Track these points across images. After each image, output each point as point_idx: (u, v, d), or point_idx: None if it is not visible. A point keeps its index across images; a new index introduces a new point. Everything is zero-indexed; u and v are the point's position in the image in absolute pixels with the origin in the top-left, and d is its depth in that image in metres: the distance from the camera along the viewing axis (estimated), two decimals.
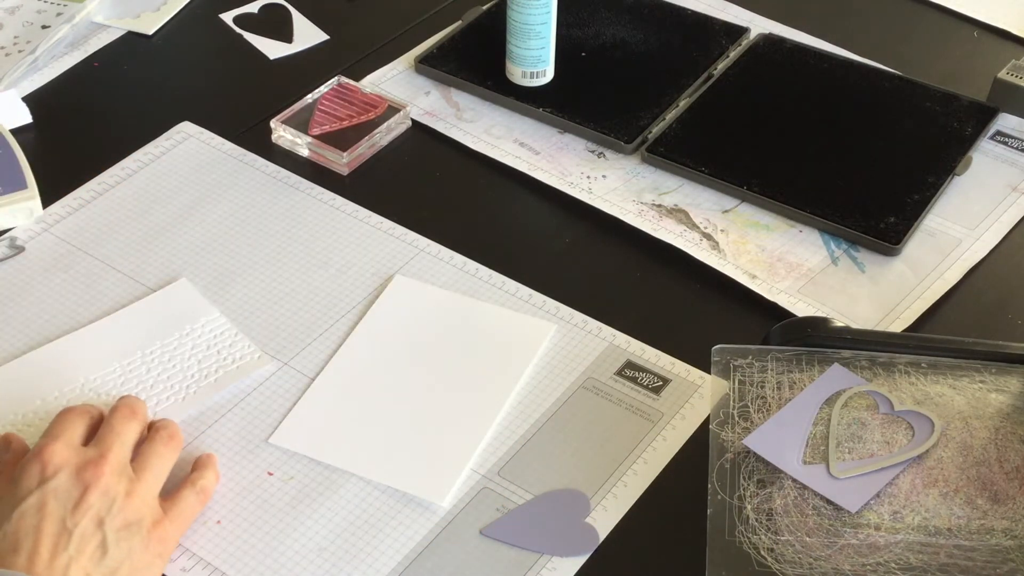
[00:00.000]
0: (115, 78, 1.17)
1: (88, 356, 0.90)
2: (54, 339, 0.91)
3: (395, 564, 0.78)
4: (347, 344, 0.92)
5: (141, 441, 0.81)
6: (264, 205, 1.03)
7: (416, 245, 1.00)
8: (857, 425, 0.83)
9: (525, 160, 1.08)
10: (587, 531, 0.81)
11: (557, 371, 0.90)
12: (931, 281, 0.98)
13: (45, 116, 1.11)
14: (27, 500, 0.75)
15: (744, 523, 0.79)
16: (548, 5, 1.09)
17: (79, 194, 1.03)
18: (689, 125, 1.10)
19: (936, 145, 1.08)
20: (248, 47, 1.21)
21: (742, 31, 1.21)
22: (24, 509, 0.75)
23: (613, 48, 1.19)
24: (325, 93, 1.12)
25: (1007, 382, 0.86)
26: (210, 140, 1.09)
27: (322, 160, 1.08)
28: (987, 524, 0.78)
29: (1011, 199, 1.05)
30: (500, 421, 0.87)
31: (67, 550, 0.74)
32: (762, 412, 0.85)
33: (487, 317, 0.94)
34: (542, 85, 1.14)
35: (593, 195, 1.05)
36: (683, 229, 1.02)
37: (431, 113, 1.13)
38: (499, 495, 0.82)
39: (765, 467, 0.82)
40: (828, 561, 0.77)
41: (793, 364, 0.88)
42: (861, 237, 1.00)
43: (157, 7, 1.24)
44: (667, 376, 0.90)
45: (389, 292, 0.95)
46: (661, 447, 0.85)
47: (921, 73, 1.17)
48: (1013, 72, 1.12)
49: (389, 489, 0.83)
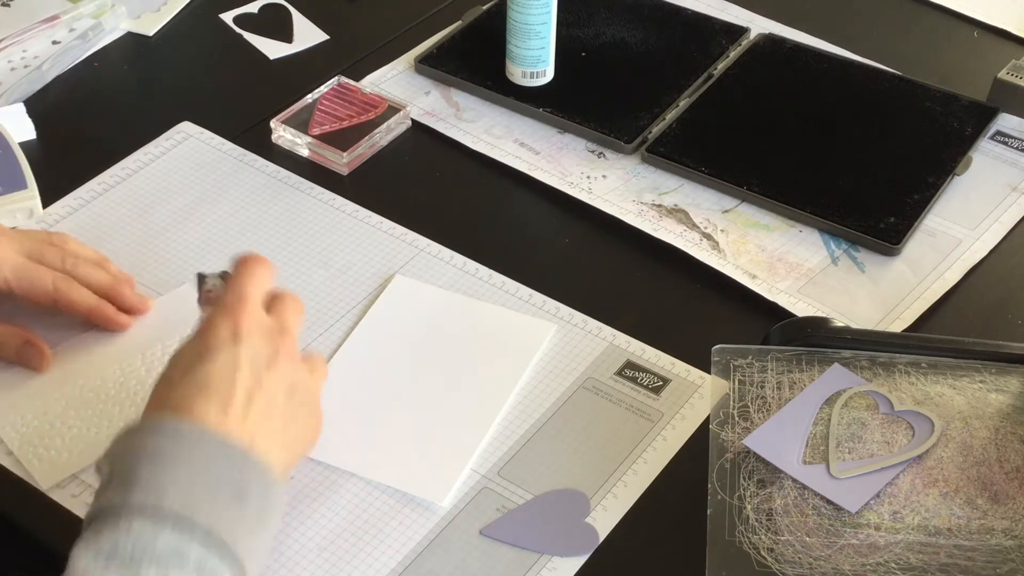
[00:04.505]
0: (115, 78, 1.17)
1: (89, 358, 0.90)
2: (52, 340, 0.91)
3: (395, 564, 0.78)
4: (347, 344, 0.91)
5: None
6: (264, 205, 1.03)
7: (416, 245, 1.00)
8: (857, 425, 0.83)
9: (525, 160, 1.08)
10: (587, 531, 0.80)
11: (557, 371, 0.90)
12: (931, 281, 0.98)
13: (45, 116, 1.11)
14: (221, 351, 0.73)
15: (744, 523, 0.79)
16: (548, 5, 1.09)
17: (79, 194, 1.03)
18: (689, 125, 1.10)
19: (936, 145, 1.08)
20: (248, 47, 1.21)
21: (742, 31, 1.21)
22: (218, 360, 0.72)
23: (613, 48, 1.19)
24: (325, 93, 1.12)
25: (1007, 382, 0.86)
26: (210, 140, 1.09)
27: (322, 160, 1.08)
28: (987, 524, 0.78)
29: (1011, 199, 1.05)
30: (500, 421, 0.87)
31: (257, 406, 0.72)
32: (762, 412, 0.85)
33: (487, 317, 0.94)
34: (542, 85, 1.14)
35: (593, 195, 1.05)
36: (683, 229, 1.02)
37: (431, 113, 1.13)
38: (499, 495, 0.82)
39: (765, 467, 0.82)
40: (828, 561, 0.77)
41: (793, 364, 0.88)
42: (861, 237, 1.00)
43: (157, 7, 1.24)
44: (667, 376, 0.90)
45: (389, 292, 0.95)
46: (661, 447, 0.85)
47: (921, 73, 1.17)
48: (1013, 72, 1.12)
49: (389, 489, 0.83)
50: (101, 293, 0.90)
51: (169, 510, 0.65)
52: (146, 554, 0.64)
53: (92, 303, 0.90)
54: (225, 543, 0.66)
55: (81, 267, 0.90)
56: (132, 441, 0.69)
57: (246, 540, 0.68)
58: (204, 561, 0.65)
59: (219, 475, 0.68)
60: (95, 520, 0.66)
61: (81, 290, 0.89)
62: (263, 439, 0.72)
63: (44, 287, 0.88)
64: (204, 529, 0.65)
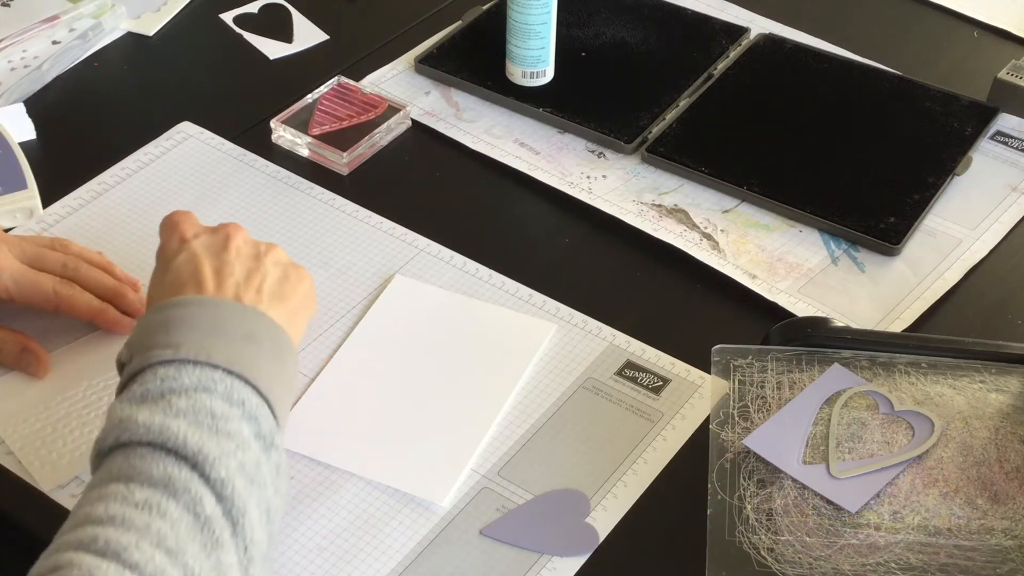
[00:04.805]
0: (115, 78, 1.17)
1: (91, 360, 0.89)
2: (54, 343, 0.90)
3: (395, 564, 0.78)
4: (347, 344, 0.92)
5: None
6: (264, 205, 1.03)
7: (416, 245, 1.00)
8: (857, 425, 0.83)
9: (525, 160, 1.08)
10: (587, 531, 0.81)
11: (557, 371, 0.90)
12: (931, 281, 0.98)
13: (45, 116, 1.11)
14: (177, 255, 0.80)
15: (744, 523, 0.79)
16: (548, 5, 1.09)
17: (79, 194, 1.03)
18: (689, 125, 1.10)
19: (936, 145, 1.08)
20: (248, 47, 1.21)
21: (742, 31, 1.21)
22: (178, 261, 0.79)
23: (613, 48, 1.19)
24: (325, 93, 1.12)
25: (1007, 382, 0.86)
26: (210, 140, 1.09)
27: (322, 160, 1.08)
28: (987, 524, 0.78)
29: (1011, 199, 1.05)
30: (500, 421, 0.87)
31: (232, 275, 0.79)
32: (762, 412, 0.85)
33: (487, 317, 0.94)
34: (542, 85, 1.14)
35: (593, 195, 1.05)
36: (683, 229, 1.02)
37: (431, 113, 1.13)
38: (499, 495, 0.82)
39: (765, 467, 0.82)
40: (828, 561, 0.77)
41: (793, 364, 0.88)
42: (861, 237, 1.00)
43: (157, 7, 1.24)
44: (667, 376, 0.90)
45: (389, 292, 0.95)
46: (661, 447, 0.85)
47: (921, 73, 1.17)
48: (1013, 72, 1.12)
49: (389, 489, 0.83)
50: (104, 296, 0.90)
51: (187, 356, 0.71)
52: (175, 388, 0.70)
53: (95, 306, 0.90)
54: (246, 376, 0.72)
55: (83, 270, 0.90)
56: (142, 324, 0.75)
57: (266, 375, 0.73)
58: (230, 390, 0.71)
59: (224, 325, 0.74)
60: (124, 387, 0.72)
61: (83, 294, 0.89)
62: (249, 298, 0.78)
63: (45, 293, 0.88)
64: (224, 366, 0.72)
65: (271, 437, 0.72)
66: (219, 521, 0.65)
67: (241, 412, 0.70)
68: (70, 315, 0.89)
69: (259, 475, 0.69)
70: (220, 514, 0.66)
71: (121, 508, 0.64)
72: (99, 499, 0.65)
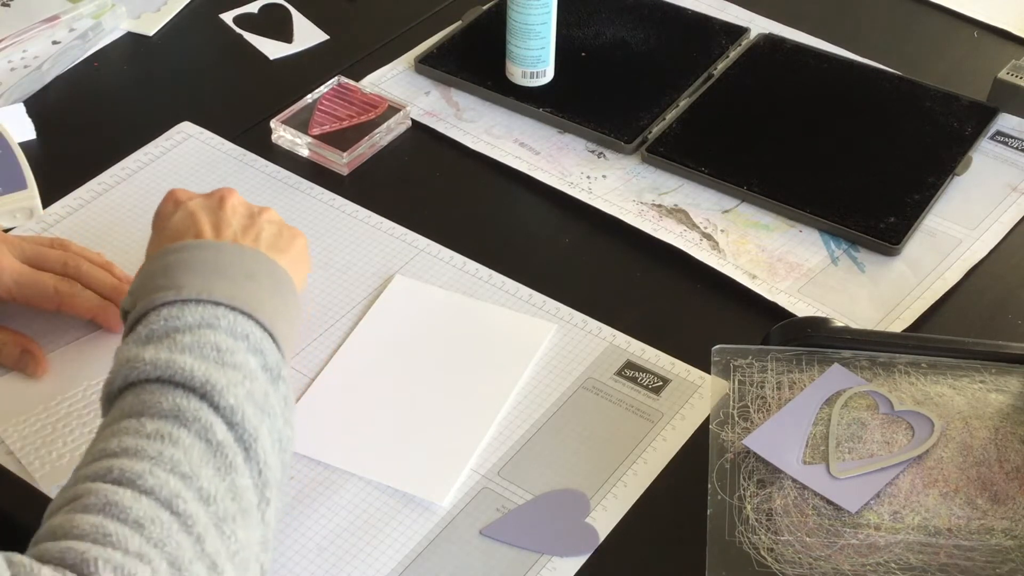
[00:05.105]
0: (115, 78, 1.17)
1: (91, 360, 0.89)
2: (54, 343, 0.91)
3: (395, 564, 0.78)
4: (347, 344, 0.91)
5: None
6: (264, 205, 1.03)
7: (416, 245, 1.00)
8: (857, 425, 0.83)
9: (525, 160, 1.08)
10: (587, 531, 0.81)
11: (557, 371, 0.90)
12: (931, 281, 0.98)
13: (45, 116, 1.11)
14: (173, 215, 0.82)
15: (744, 523, 0.79)
16: (548, 5, 1.09)
17: (79, 194, 1.03)
18: (689, 125, 1.10)
19: (936, 145, 1.08)
20: (248, 47, 1.21)
21: (742, 31, 1.21)
22: (174, 219, 0.81)
23: (613, 48, 1.19)
24: (325, 93, 1.12)
25: (1007, 382, 0.86)
26: (210, 140, 1.09)
27: (322, 160, 1.08)
28: (987, 524, 0.78)
29: (1011, 199, 1.05)
30: (500, 421, 0.87)
31: (230, 227, 0.81)
32: (762, 412, 0.85)
33: (487, 317, 0.94)
34: (542, 85, 1.14)
35: (593, 195, 1.05)
36: (683, 229, 1.02)
37: (431, 113, 1.13)
38: (499, 495, 0.82)
39: (765, 467, 0.82)
40: (828, 561, 0.77)
41: (793, 364, 0.88)
42: (861, 237, 1.00)
43: (157, 7, 1.24)
44: (667, 376, 0.90)
45: (389, 292, 0.95)
46: (661, 447, 0.85)
47: (921, 73, 1.17)
48: (1013, 72, 1.12)
49: (389, 489, 0.83)
50: (105, 294, 0.90)
51: (189, 295, 0.73)
52: (178, 327, 0.71)
53: (96, 304, 0.90)
54: (248, 311, 0.74)
55: (84, 268, 0.90)
56: (143, 270, 0.78)
57: (268, 311, 0.75)
58: (234, 324, 0.73)
59: (224, 265, 0.76)
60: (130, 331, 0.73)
61: (84, 292, 0.89)
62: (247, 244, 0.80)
63: (46, 292, 0.88)
64: (227, 303, 0.73)
65: (277, 369, 0.73)
66: (231, 446, 0.67)
67: (246, 345, 0.72)
68: (71, 313, 0.89)
69: (268, 404, 0.71)
70: (232, 440, 0.67)
71: (134, 440, 0.66)
72: (112, 435, 0.67)
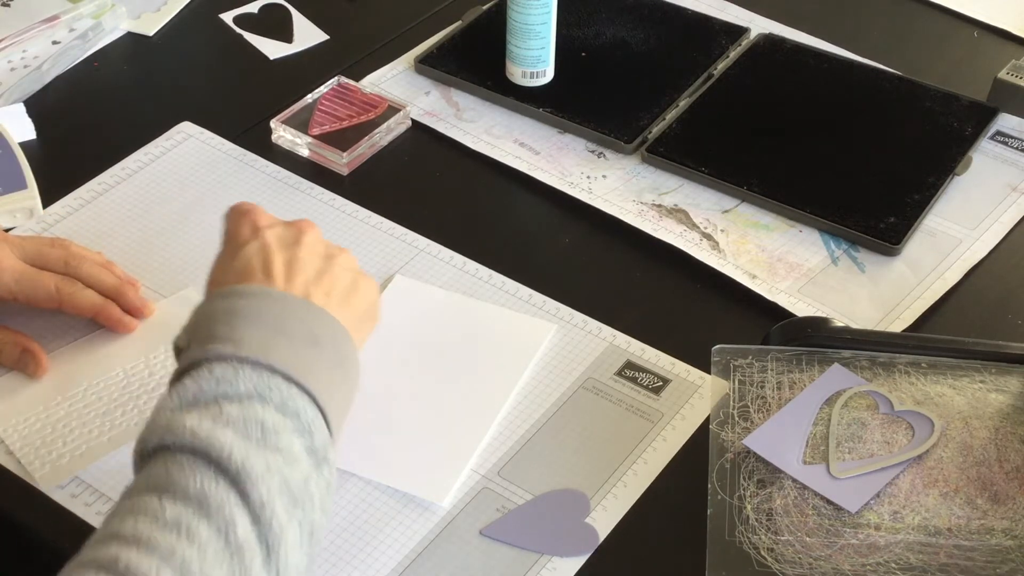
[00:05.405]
0: (115, 78, 1.17)
1: (92, 360, 0.89)
2: (54, 343, 0.90)
3: (395, 564, 0.78)
4: None
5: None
6: (264, 205, 1.01)
7: (416, 245, 1.00)
8: (857, 425, 0.83)
9: (525, 160, 1.08)
10: (587, 531, 0.81)
11: (557, 371, 0.90)
12: (931, 281, 0.98)
13: (45, 116, 1.11)
14: (249, 244, 0.76)
15: (744, 523, 0.79)
16: (548, 5, 1.09)
17: (79, 194, 1.03)
18: (689, 125, 1.10)
19: (936, 145, 1.08)
20: (248, 47, 1.21)
21: (742, 31, 1.21)
22: (248, 249, 0.76)
23: (613, 48, 1.19)
24: (325, 93, 1.12)
25: (1007, 382, 0.86)
26: (210, 140, 1.09)
27: (322, 160, 1.08)
28: (987, 524, 0.78)
29: (1011, 199, 1.05)
30: (500, 421, 0.87)
31: (303, 272, 0.75)
32: (762, 412, 0.85)
33: (487, 317, 0.94)
34: (542, 85, 1.14)
35: (593, 195, 1.05)
36: (683, 229, 1.02)
37: (431, 113, 1.13)
38: (499, 495, 0.82)
39: (765, 467, 0.82)
40: (828, 561, 0.77)
41: (793, 364, 0.88)
42: (861, 237, 1.00)
43: (157, 7, 1.24)
44: (667, 376, 0.90)
45: (389, 292, 0.95)
46: (661, 447, 0.85)
47: (921, 73, 1.17)
48: (1013, 72, 1.12)
49: (389, 489, 0.83)
50: (105, 293, 0.90)
51: (247, 354, 0.68)
52: (228, 394, 0.66)
53: (97, 303, 0.90)
54: (305, 386, 0.68)
55: (85, 267, 0.90)
56: (204, 309, 0.73)
57: (326, 385, 0.70)
58: (286, 399, 0.67)
59: (290, 323, 0.71)
60: (178, 378, 0.68)
61: (85, 291, 0.89)
62: (318, 299, 0.74)
63: (47, 291, 0.88)
64: (283, 372, 0.68)
65: (324, 451, 0.68)
66: (251, 547, 0.62)
67: (295, 424, 0.67)
68: (72, 312, 0.89)
69: (306, 492, 0.66)
70: (254, 538, 0.62)
71: (149, 528, 0.61)
72: (129, 512, 0.62)
